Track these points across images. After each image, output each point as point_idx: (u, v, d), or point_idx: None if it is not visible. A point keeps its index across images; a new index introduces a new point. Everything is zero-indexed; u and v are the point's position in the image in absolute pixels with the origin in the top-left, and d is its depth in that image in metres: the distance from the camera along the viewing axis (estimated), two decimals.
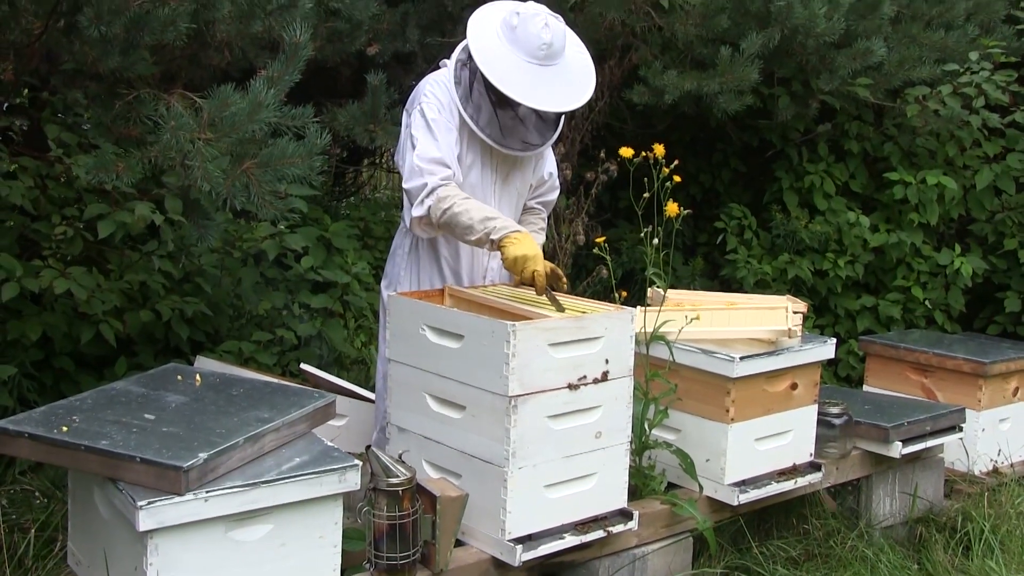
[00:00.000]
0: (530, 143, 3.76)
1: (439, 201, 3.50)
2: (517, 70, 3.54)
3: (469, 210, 3.49)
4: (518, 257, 3.42)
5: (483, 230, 3.46)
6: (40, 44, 3.83)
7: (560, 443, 3.25)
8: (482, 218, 3.47)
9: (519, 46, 3.56)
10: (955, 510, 4.54)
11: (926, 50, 5.95)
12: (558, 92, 3.60)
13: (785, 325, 3.89)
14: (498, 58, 3.56)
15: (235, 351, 4.98)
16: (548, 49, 3.56)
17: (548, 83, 3.57)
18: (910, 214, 6.42)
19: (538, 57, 3.56)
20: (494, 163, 3.76)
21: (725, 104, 5.63)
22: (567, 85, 3.64)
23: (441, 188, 3.52)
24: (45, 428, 2.75)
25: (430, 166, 3.55)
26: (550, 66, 3.58)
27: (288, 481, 2.75)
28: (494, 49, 3.58)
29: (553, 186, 4.07)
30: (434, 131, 3.59)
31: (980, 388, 4.87)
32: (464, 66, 3.67)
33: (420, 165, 3.55)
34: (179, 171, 3.63)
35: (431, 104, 3.62)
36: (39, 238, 4.73)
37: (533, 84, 3.54)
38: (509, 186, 3.84)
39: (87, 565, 2.93)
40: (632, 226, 6.78)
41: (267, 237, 5.37)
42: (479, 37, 3.60)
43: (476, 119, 3.64)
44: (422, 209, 3.53)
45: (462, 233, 3.52)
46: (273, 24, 3.97)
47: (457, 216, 3.48)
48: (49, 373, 4.68)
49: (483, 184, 3.75)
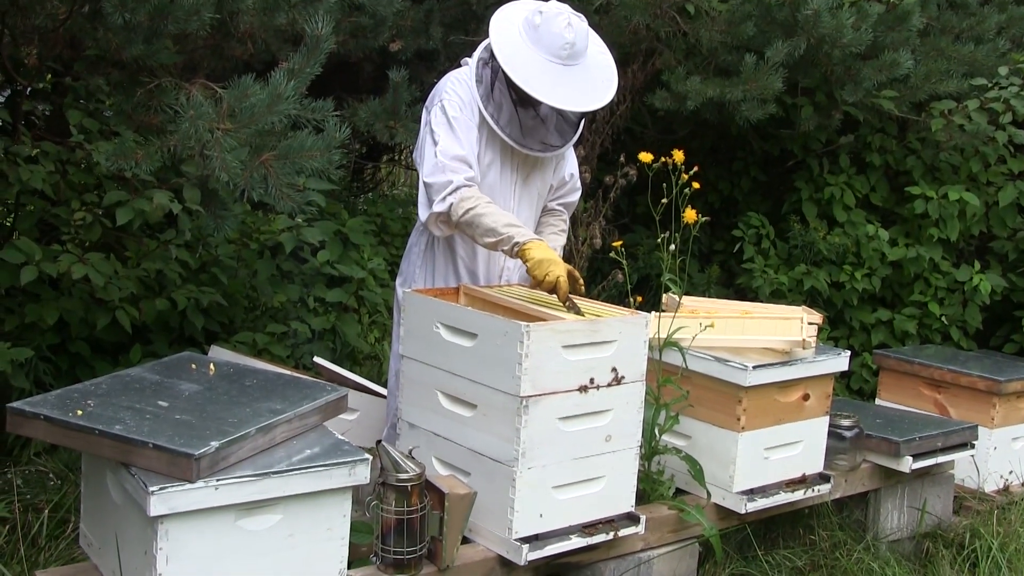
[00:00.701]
0: (550, 144, 3.76)
1: (462, 200, 3.51)
2: (539, 69, 3.54)
3: (493, 213, 3.50)
4: (543, 260, 3.42)
5: (506, 234, 3.47)
6: (64, 30, 3.85)
7: (570, 445, 3.26)
8: (505, 223, 3.49)
9: (541, 45, 3.55)
10: (963, 527, 4.52)
11: (954, 63, 5.92)
12: (580, 92, 3.60)
13: (799, 336, 3.88)
14: (520, 57, 3.55)
15: (249, 342, 5.00)
16: (571, 49, 3.56)
17: (570, 83, 3.56)
18: (930, 229, 6.39)
19: (560, 57, 3.55)
20: (514, 163, 3.76)
21: (747, 112, 5.61)
22: (589, 85, 3.63)
23: (465, 188, 3.52)
24: (60, 411, 2.77)
25: (454, 163, 3.55)
26: (572, 66, 3.58)
27: (298, 472, 2.76)
28: (516, 48, 3.57)
29: (574, 187, 4.06)
30: (456, 129, 3.59)
31: (994, 406, 4.85)
32: (486, 65, 3.67)
33: (444, 161, 3.55)
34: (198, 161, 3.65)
35: (452, 102, 3.62)
36: (58, 223, 4.75)
37: (555, 83, 3.53)
38: (529, 187, 3.84)
39: (98, 547, 2.94)
40: (649, 232, 6.77)
41: (284, 230, 5.38)
42: (501, 36, 3.60)
43: (497, 118, 3.64)
44: (443, 205, 3.53)
45: (483, 234, 3.51)
46: (296, 17, 3.99)
47: (480, 217, 3.48)
48: (65, 357, 4.71)
49: (503, 184, 3.75)
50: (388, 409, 3.94)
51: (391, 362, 3.94)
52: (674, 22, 5.77)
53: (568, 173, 3.99)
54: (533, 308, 3.42)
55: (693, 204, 3.65)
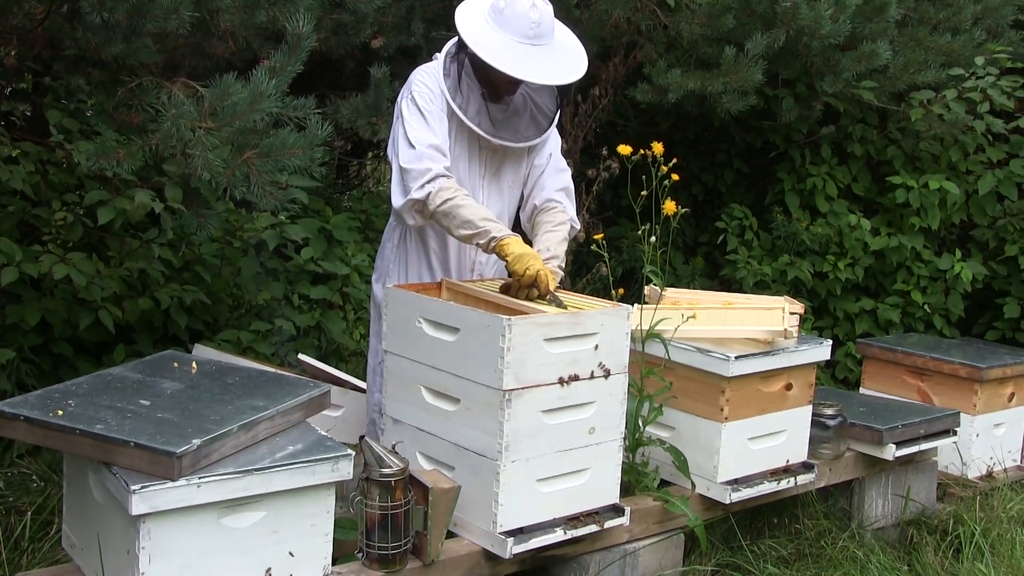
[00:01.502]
0: (524, 135, 3.77)
1: (440, 190, 3.51)
2: (509, 49, 3.55)
3: (471, 206, 3.52)
4: (521, 255, 3.44)
5: (483, 228, 3.49)
6: (43, 29, 3.84)
7: (553, 438, 3.27)
8: (483, 217, 3.51)
9: (509, 27, 3.57)
10: (947, 513, 4.55)
11: (932, 54, 5.95)
12: (552, 67, 3.61)
13: (781, 325, 3.90)
14: (489, 40, 3.57)
15: (234, 340, 4.99)
16: (538, 28, 3.57)
17: (540, 60, 3.58)
18: (911, 218, 6.42)
19: (528, 36, 3.56)
20: (483, 157, 3.77)
21: (729, 104, 5.63)
22: (560, 61, 3.65)
23: (443, 178, 3.54)
24: (41, 411, 2.77)
25: (430, 151, 3.57)
26: (541, 45, 3.59)
27: (281, 469, 2.76)
28: (485, 33, 3.59)
29: (557, 168, 3.93)
30: (428, 120, 3.61)
31: (976, 393, 4.88)
32: (453, 59, 3.69)
33: (421, 149, 3.56)
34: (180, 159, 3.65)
35: (423, 94, 3.64)
36: (39, 223, 4.74)
37: (526, 61, 3.55)
38: (500, 181, 3.83)
39: (81, 548, 2.94)
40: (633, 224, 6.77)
41: (267, 227, 5.37)
42: (468, 25, 3.61)
43: (465, 109, 3.65)
44: (421, 193, 3.52)
45: (459, 226, 3.51)
46: (277, 14, 3.98)
47: (458, 208, 3.49)
48: (47, 358, 4.70)
49: (471, 178, 3.76)
50: (368, 405, 3.95)
51: (369, 359, 3.95)
52: (655, 15, 5.77)
53: (547, 154, 3.90)
54: (515, 302, 3.42)
55: (677, 196, 3.67)
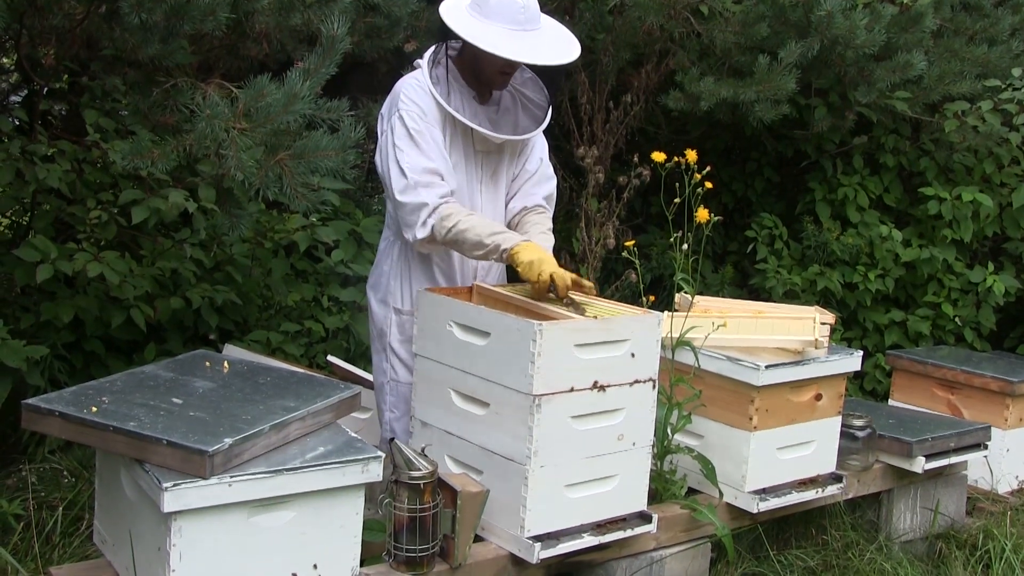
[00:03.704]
0: (522, 127, 3.74)
1: (443, 220, 3.46)
2: (504, 36, 3.48)
3: (475, 226, 3.46)
4: (533, 261, 3.41)
5: (492, 244, 3.44)
6: (81, 30, 3.88)
7: (582, 444, 3.26)
8: (490, 232, 3.46)
9: (497, 16, 3.49)
10: (977, 528, 4.51)
11: (967, 65, 5.91)
12: (549, 49, 3.55)
13: (812, 335, 3.88)
14: (482, 31, 3.48)
15: (263, 341, 5.02)
16: (526, 12, 3.51)
17: (533, 43, 3.52)
18: (943, 230, 6.38)
19: (519, 21, 3.50)
20: (478, 161, 3.71)
21: (761, 113, 5.61)
22: (554, 43, 3.60)
23: (443, 206, 3.47)
24: (75, 408, 2.79)
25: (425, 178, 3.48)
26: (533, 30, 3.54)
27: (311, 469, 2.77)
28: (475, 26, 3.50)
29: (546, 175, 3.89)
30: (418, 142, 3.50)
31: (1007, 407, 4.84)
32: (436, 64, 3.63)
33: (415, 178, 3.47)
34: (213, 160, 3.67)
35: (411, 112, 3.53)
36: (74, 222, 4.78)
37: (523, 45, 3.49)
38: (496, 184, 3.78)
39: (112, 544, 2.96)
40: (663, 232, 6.77)
41: (298, 229, 5.40)
42: (457, 21, 3.51)
43: (462, 113, 3.59)
44: (425, 231, 3.48)
45: (470, 249, 3.49)
46: (312, 17, 4.01)
47: (464, 233, 3.44)
48: (79, 355, 4.74)
49: (469, 184, 3.69)
50: (382, 424, 3.85)
51: (375, 378, 3.85)
52: (688, 23, 5.77)
53: (537, 159, 3.86)
54: (545, 307, 3.42)
55: (707, 204, 3.65)
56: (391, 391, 3.75)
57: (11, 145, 4.56)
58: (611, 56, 5.86)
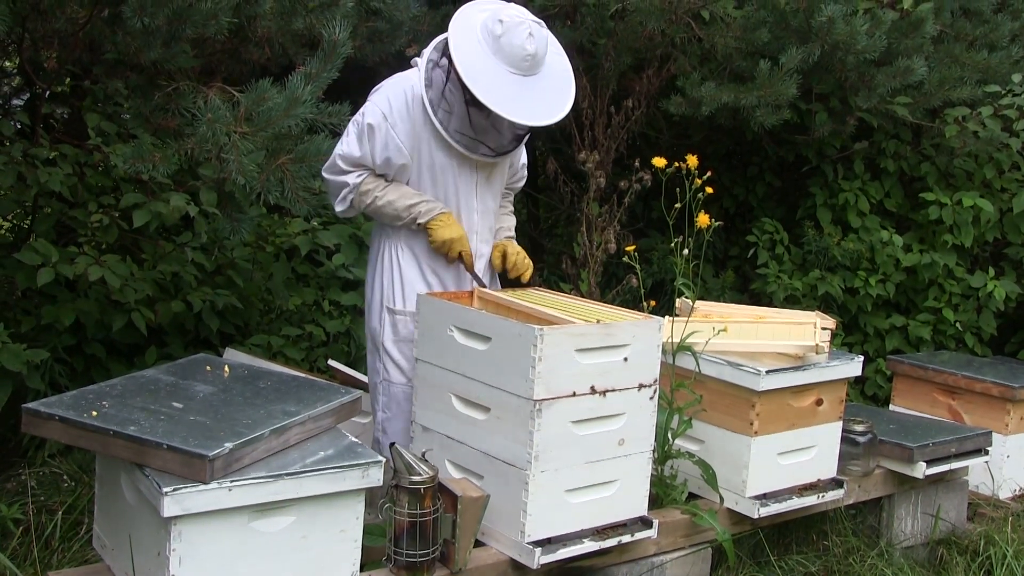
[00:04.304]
0: (503, 148, 3.75)
1: (361, 196, 3.66)
2: (500, 82, 3.48)
3: (392, 201, 3.65)
4: (445, 240, 3.65)
5: (409, 216, 3.66)
6: (84, 33, 3.88)
7: (583, 449, 3.26)
8: (406, 206, 3.65)
9: (502, 56, 3.49)
10: (978, 533, 4.51)
11: (968, 70, 5.91)
12: (540, 104, 3.56)
13: (813, 340, 3.88)
14: (479, 67, 3.48)
15: (264, 345, 5.02)
16: (532, 60, 3.51)
17: (530, 95, 3.52)
18: (944, 235, 6.38)
19: (522, 68, 3.50)
20: (474, 163, 3.72)
21: (762, 118, 5.61)
22: (548, 95, 3.59)
23: (361, 183, 3.65)
24: (76, 412, 2.79)
25: (351, 167, 3.64)
26: (532, 76, 3.54)
27: (312, 474, 2.77)
28: (476, 57, 3.49)
29: (523, 176, 4.08)
30: (364, 138, 3.60)
31: (1008, 412, 4.84)
32: (436, 67, 3.61)
33: (342, 165, 3.65)
34: (215, 164, 3.68)
35: (376, 111, 3.59)
36: (76, 225, 4.78)
37: (515, 96, 3.49)
38: (493, 183, 3.83)
39: (112, 548, 2.96)
40: (664, 236, 6.76)
41: (300, 233, 5.40)
42: (460, 42, 3.51)
43: (447, 124, 3.60)
44: (344, 205, 3.69)
45: (390, 220, 3.69)
46: (314, 22, 4.01)
47: (381, 208, 3.66)
48: (80, 359, 4.74)
49: (464, 185, 3.73)
50: (375, 424, 3.85)
51: (371, 378, 3.87)
52: (689, 28, 5.77)
53: (520, 163, 4.01)
54: (546, 312, 3.42)
55: (708, 209, 3.66)
56: (383, 391, 3.76)
57: (13, 148, 4.56)
58: (612, 61, 5.86)
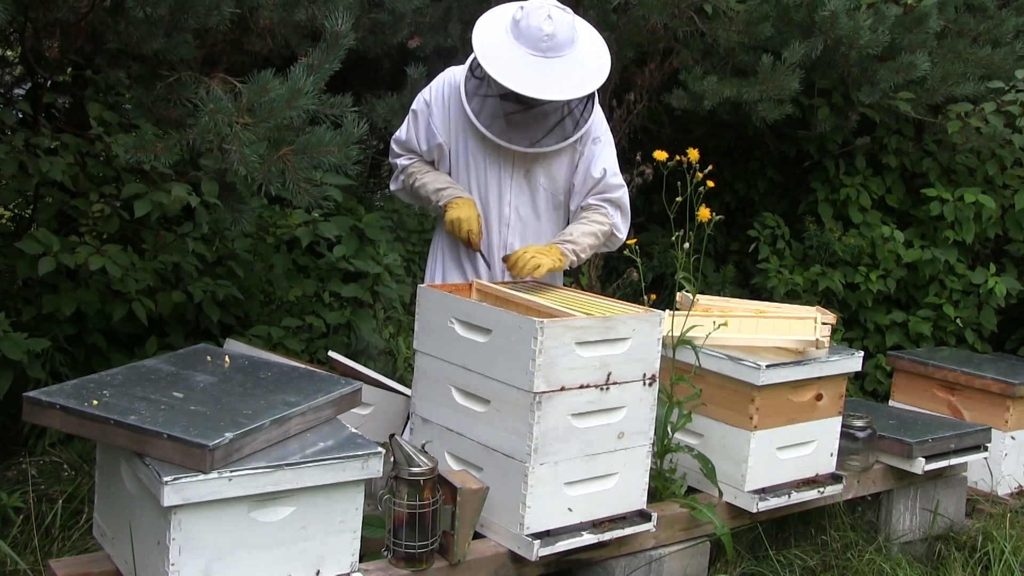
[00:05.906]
0: (541, 141, 3.78)
1: (408, 176, 3.97)
2: (518, 62, 3.61)
3: (426, 184, 3.90)
4: (454, 219, 3.79)
5: (436, 199, 3.88)
6: (86, 23, 3.87)
7: (582, 442, 3.27)
8: (435, 189, 3.88)
9: (523, 40, 3.63)
10: (976, 529, 4.51)
11: (971, 66, 5.91)
12: (556, 81, 3.61)
13: (813, 335, 3.89)
14: (498, 51, 3.64)
15: (264, 336, 5.02)
16: (551, 40, 3.60)
17: (547, 73, 3.61)
18: (945, 231, 6.38)
19: (541, 49, 3.61)
20: (513, 156, 3.82)
21: (764, 112, 5.61)
22: (570, 75, 3.66)
23: (410, 165, 3.97)
24: (76, 401, 2.79)
25: (402, 150, 4.00)
26: (555, 58, 3.63)
27: (312, 465, 2.78)
28: (497, 43, 3.66)
29: (611, 184, 3.92)
30: (410, 121, 3.94)
31: (1008, 409, 4.84)
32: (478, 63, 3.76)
33: (395, 148, 4.03)
34: (216, 154, 3.67)
35: (420, 99, 3.93)
36: (77, 215, 4.78)
37: (531, 74, 3.59)
38: (532, 181, 3.87)
39: (112, 537, 2.97)
40: (664, 231, 6.78)
41: (301, 224, 5.39)
42: (484, 33, 3.70)
43: (478, 113, 3.75)
44: (396, 184, 4.05)
45: (425, 203, 3.97)
46: (316, 13, 4.01)
47: (418, 191, 3.93)
48: (81, 348, 4.74)
49: (500, 176, 3.86)
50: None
51: None
52: (692, 22, 5.77)
53: (599, 170, 3.90)
54: (547, 305, 3.43)
55: (709, 204, 3.65)
56: None
57: (15, 138, 4.55)
58: (614, 54, 5.83)
